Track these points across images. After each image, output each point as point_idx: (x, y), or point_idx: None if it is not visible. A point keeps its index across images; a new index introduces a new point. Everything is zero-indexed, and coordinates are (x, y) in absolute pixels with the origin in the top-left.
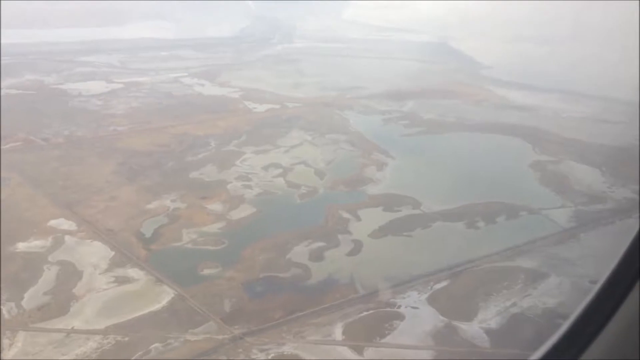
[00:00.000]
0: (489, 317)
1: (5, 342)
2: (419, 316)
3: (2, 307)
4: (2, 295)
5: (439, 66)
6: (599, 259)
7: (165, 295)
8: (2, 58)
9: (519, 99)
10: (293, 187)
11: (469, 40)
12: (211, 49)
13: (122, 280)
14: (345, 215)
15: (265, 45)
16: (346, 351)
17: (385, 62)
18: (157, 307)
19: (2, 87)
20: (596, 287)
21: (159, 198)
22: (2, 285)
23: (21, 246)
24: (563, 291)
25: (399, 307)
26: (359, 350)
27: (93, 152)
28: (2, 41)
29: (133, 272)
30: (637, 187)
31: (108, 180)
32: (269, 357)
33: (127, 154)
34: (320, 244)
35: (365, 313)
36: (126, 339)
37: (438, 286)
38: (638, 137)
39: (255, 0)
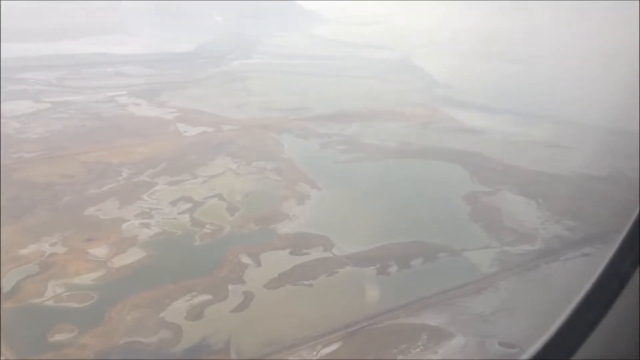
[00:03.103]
0: None
1: None
2: None
3: None
4: None
5: (395, 85)
6: (514, 314)
7: None
8: None
9: (469, 121)
10: (197, 226)
11: (433, 57)
12: (162, 65)
13: None
14: (245, 260)
15: (221, 62)
16: None
17: (340, 80)
18: None
19: None
20: (588, 285)
21: (38, 241)
22: None
23: None
24: (466, 356)
25: None
26: None
27: None
28: None
29: None
30: (570, 222)
31: None
32: None
33: (23, 187)
34: (205, 297)
35: None
36: None
37: (326, 351)
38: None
39: (225, 14)
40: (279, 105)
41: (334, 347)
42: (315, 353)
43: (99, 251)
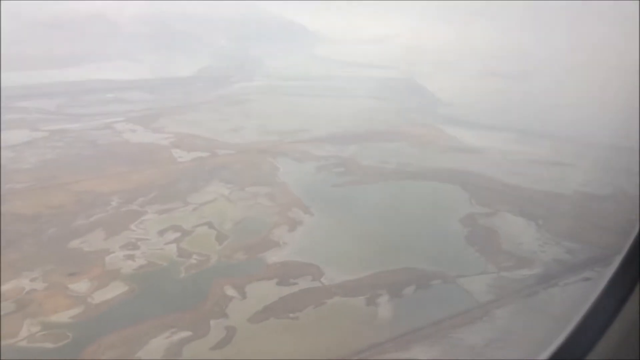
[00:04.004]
0: None
1: None
2: None
3: None
4: None
5: (396, 104)
6: (509, 345)
7: None
8: None
9: (469, 140)
10: (184, 257)
11: (437, 75)
12: (162, 90)
13: None
14: (230, 292)
15: (222, 85)
16: None
17: (341, 101)
18: None
19: None
20: (598, 289)
21: (18, 276)
22: None
23: None
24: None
25: None
26: None
27: None
28: None
29: None
30: (571, 244)
31: None
32: None
33: (11, 219)
34: (186, 333)
35: None
36: None
37: None
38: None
39: (229, 37)
40: (276, 128)
41: None
42: None
43: (80, 286)
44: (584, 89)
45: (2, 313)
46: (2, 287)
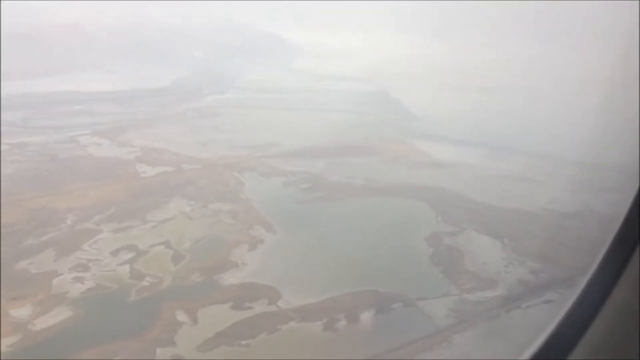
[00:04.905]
0: None
1: None
2: None
3: None
4: None
5: (369, 118)
6: None
7: None
8: None
9: (439, 155)
10: (136, 279)
11: (411, 89)
12: (133, 102)
13: None
14: (181, 317)
15: (193, 97)
16: None
17: (315, 114)
18: None
19: None
20: (578, 289)
21: None
22: None
23: None
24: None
25: None
26: None
27: None
28: None
29: None
30: (535, 264)
31: None
32: None
33: None
34: None
35: None
36: None
37: None
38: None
39: (205, 49)
40: (246, 142)
41: None
42: None
43: (22, 312)
44: (560, 103)
45: None
46: None
